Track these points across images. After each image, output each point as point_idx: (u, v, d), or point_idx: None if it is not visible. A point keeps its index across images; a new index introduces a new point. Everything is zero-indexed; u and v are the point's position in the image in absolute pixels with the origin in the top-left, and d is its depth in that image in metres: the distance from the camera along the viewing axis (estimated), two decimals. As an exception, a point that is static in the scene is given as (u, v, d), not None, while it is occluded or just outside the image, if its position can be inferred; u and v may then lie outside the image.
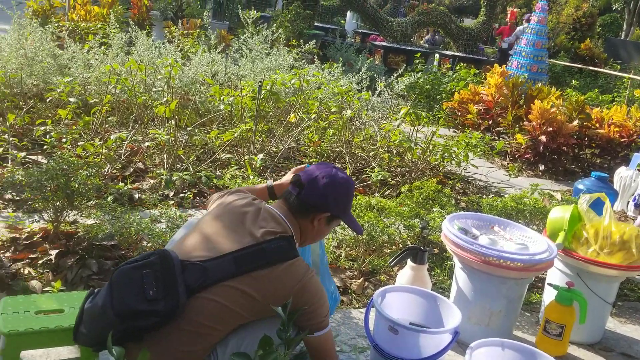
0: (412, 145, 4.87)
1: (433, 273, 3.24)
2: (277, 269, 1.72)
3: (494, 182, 5.33)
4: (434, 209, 3.42)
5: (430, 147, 4.91)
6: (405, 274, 2.71)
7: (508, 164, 6.12)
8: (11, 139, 4.10)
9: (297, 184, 1.93)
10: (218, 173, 4.27)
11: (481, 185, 5.18)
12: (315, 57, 7.81)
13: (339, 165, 4.84)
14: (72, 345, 1.98)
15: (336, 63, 6.71)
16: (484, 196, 4.64)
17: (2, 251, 2.82)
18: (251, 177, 3.84)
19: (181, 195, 3.85)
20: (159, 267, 1.66)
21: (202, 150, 4.74)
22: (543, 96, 6.78)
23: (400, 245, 3.38)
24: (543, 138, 5.89)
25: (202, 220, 1.90)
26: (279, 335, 1.34)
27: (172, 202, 3.75)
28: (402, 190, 3.84)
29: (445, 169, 5.29)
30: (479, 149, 4.80)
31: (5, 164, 3.86)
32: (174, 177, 3.96)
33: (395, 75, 5.74)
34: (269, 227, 1.79)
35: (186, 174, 4.01)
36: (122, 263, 1.76)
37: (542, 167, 6.02)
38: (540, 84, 7.58)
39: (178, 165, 4.29)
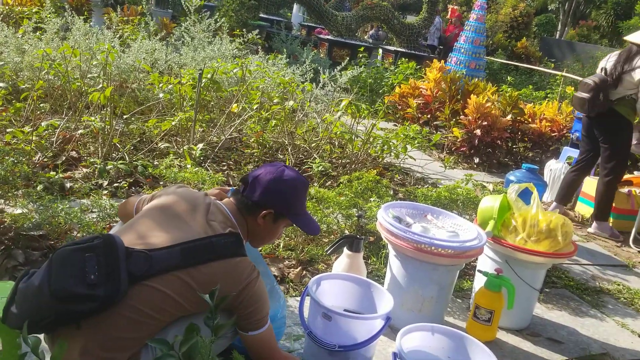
0: (353, 137, 4.92)
1: (370, 261, 3.30)
2: (223, 264, 1.72)
3: (431, 174, 5.46)
4: (372, 199, 3.47)
5: (371, 139, 4.98)
6: (342, 262, 2.75)
7: (444, 156, 6.28)
8: None
9: (242, 181, 1.95)
10: (156, 162, 4.18)
11: (419, 177, 5.29)
12: (260, 48, 7.76)
13: (281, 157, 4.84)
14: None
15: (281, 55, 6.69)
16: (420, 187, 4.75)
17: None
18: (189, 166, 3.78)
19: (115, 184, 3.75)
20: (102, 251, 1.62)
21: (139, 140, 4.63)
22: (479, 91, 6.99)
23: (339, 234, 3.41)
24: (478, 132, 6.08)
25: (150, 208, 1.87)
26: (205, 322, 1.34)
27: (105, 191, 3.64)
28: (342, 180, 3.88)
29: (385, 161, 5.37)
30: (416, 142, 4.91)
31: None
32: (109, 166, 3.85)
33: (339, 68, 5.79)
34: (217, 222, 1.80)
35: (121, 163, 3.91)
36: (63, 244, 1.70)
37: (477, 160, 6.21)
38: (477, 80, 7.81)
39: (114, 154, 4.18)
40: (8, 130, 3.89)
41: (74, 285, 1.56)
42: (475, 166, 6.21)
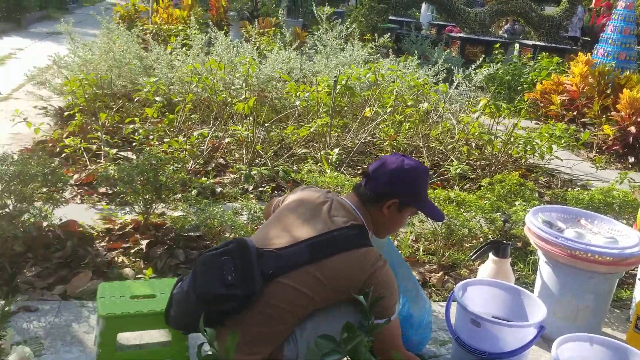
0: (492, 137, 4.74)
1: (516, 268, 3.15)
2: (346, 257, 1.76)
3: (580, 175, 5.09)
4: (517, 203, 3.32)
5: (512, 139, 4.76)
6: (487, 267, 2.66)
7: (594, 156, 5.83)
8: (103, 136, 4.35)
9: (363, 174, 1.98)
10: (295, 168, 4.35)
11: (566, 179, 4.96)
12: (390, 50, 7.75)
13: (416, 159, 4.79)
14: (163, 328, 2.10)
15: (411, 56, 6.64)
16: (569, 189, 4.45)
17: (98, 241, 3.01)
18: (327, 171, 3.88)
19: (260, 189, 3.95)
20: (237, 254, 1.75)
21: (279, 146, 4.84)
22: (632, 85, 6.40)
23: (481, 239, 3.30)
24: (633, 129, 5.57)
25: (280, 210, 1.98)
26: (361, 322, 1.36)
27: (251, 195, 3.86)
28: (483, 183, 3.75)
29: (528, 162, 5.11)
30: (563, 141, 4.60)
31: (99, 160, 4.11)
32: (253, 172, 4.07)
33: (473, 66, 5.60)
34: (340, 217, 1.85)
35: (264, 169, 4.11)
36: (202, 252, 1.85)
37: (631, 160, 5.69)
38: (628, 72, 7.16)
39: (257, 160, 4.41)
40: (165, 140, 4.26)
41: (215, 287, 1.70)
42: (630, 166, 5.68)
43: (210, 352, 1.22)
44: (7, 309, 1.36)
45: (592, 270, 2.38)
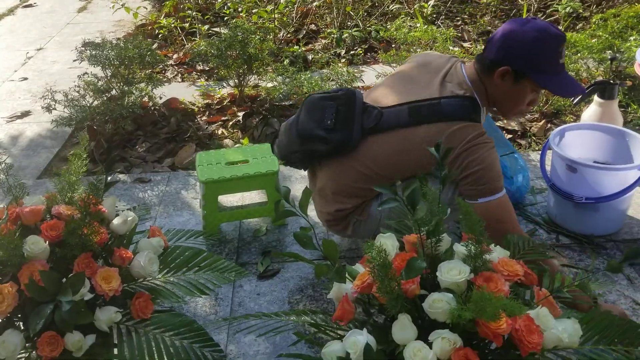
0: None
1: (629, 110, 2.90)
2: (447, 126, 1.66)
3: None
4: (631, 38, 2.97)
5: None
6: (591, 110, 2.46)
7: None
8: (194, 13, 4.41)
9: (487, 41, 1.77)
10: (388, 26, 4.17)
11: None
12: None
13: (521, 2, 4.38)
14: (257, 189, 2.25)
15: None
16: None
17: (199, 115, 3.18)
18: (418, 25, 3.68)
19: (352, 52, 3.87)
20: (343, 102, 1.77)
21: (371, 5, 4.63)
22: None
23: (589, 82, 3.04)
24: None
25: (390, 76, 1.93)
26: (433, 173, 1.35)
27: (343, 59, 3.80)
28: (594, 20, 3.38)
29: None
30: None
31: (194, 38, 4.22)
32: (344, 35, 3.97)
33: None
34: (453, 84, 1.73)
35: (356, 31, 3.99)
36: (314, 92, 1.91)
37: None
38: None
39: (348, 23, 4.27)
40: (253, 11, 4.24)
41: (313, 127, 1.77)
42: None
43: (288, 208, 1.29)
44: (108, 179, 1.51)
45: None
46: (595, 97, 2.45)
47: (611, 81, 2.42)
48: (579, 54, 2.92)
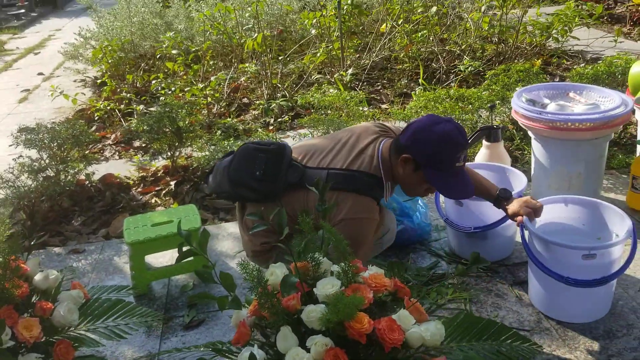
0: (503, 27, 4.67)
1: (525, 152, 3.24)
2: (349, 195, 1.88)
3: (608, 50, 4.94)
4: (517, 89, 3.36)
5: (529, 27, 4.67)
6: (481, 153, 2.78)
7: (628, 29, 5.60)
8: (129, 95, 4.67)
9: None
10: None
11: (594, 57, 4.84)
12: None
13: (435, 65, 4.81)
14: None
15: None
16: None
17: (134, 188, 3.36)
18: (332, 91, 4.01)
19: (279, 120, 4.17)
20: (272, 156, 1.98)
21: (297, 76, 4.99)
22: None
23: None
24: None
25: (330, 134, 2.17)
26: (317, 208, 1.58)
27: (271, 127, 4.08)
28: (487, 75, 3.79)
29: (551, 48, 5.00)
30: (576, 19, 4.48)
31: (130, 118, 4.45)
32: (272, 105, 4.28)
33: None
34: (366, 162, 1.93)
35: (282, 100, 4.31)
36: (250, 141, 2.16)
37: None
38: None
39: (278, 94, 4.60)
40: (186, 89, 4.52)
41: (244, 177, 1.96)
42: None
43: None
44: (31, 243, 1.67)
45: (577, 139, 2.46)
46: (484, 141, 2.78)
47: (494, 126, 2.76)
48: (470, 106, 3.28)
